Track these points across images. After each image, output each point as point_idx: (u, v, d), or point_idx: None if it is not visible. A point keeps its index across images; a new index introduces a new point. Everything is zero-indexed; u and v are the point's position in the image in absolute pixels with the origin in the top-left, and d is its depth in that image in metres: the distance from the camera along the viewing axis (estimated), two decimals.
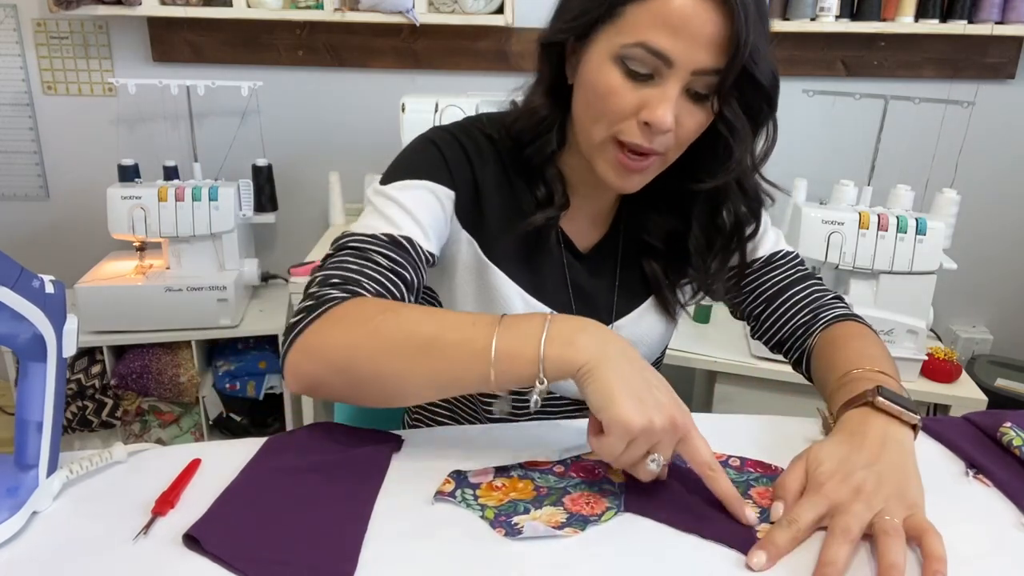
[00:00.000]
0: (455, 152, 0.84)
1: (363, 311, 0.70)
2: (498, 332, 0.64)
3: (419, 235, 0.79)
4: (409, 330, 0.67)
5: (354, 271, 0.75)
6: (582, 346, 0.63)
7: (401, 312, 0.70)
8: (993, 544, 0.64)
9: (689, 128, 0.75)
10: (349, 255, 0.77)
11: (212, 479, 0.67)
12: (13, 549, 0.58)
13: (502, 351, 0.64)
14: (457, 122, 0.89)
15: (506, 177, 0.86)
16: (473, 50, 2.08)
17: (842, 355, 0.82)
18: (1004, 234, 2.24)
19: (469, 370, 0.65)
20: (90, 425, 1.95)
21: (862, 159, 1.82)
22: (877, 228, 1.57)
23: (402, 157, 0.85)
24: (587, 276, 0.91)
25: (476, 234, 0.86)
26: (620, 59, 0.72)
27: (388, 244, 0.77)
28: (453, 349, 0.66)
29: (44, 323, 0.60)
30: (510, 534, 0.62)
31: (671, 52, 0.70)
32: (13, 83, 2.13)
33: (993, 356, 2.21)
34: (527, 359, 0.64)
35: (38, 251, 2.26)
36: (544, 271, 0.89)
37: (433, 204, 0.82)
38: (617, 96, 0.73)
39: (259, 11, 1.96)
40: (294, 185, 2.22)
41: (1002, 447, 0.77)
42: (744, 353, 1.72)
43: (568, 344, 0.63)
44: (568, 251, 0.90)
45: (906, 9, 1.93)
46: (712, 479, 0.63)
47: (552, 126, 0.83)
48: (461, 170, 0.84)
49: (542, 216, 0.84)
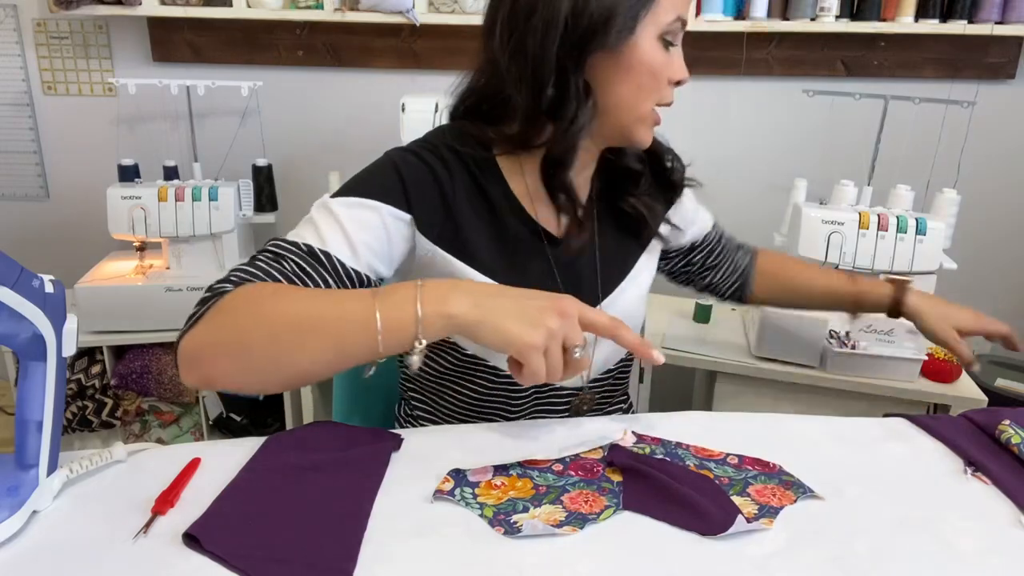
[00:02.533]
0: (419, 174, 0.85)
1: (249, 298, 0.71)
2: (377, 303, 0.67)
3: (344, 252, 0.80)
4: (294, 312, 0.69)
5: (260, 271, 0.76)
6: (455, 301, 0.67)
7: (284, 295, 0.71)
8: (992, 541, 0.64)
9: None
10: (264, 257, 0.78)
11: (212, 479, 0.67)
12: (13, 548, 0.58)
13: (386, 320, 0.66)
14: (421, 140, 0.90)
15: (476, 185, 0.88)
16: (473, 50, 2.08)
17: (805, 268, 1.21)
18: (1004, 234, 2.24)
19: (356, 343, 0.67)
20: (90, 425, 1.95)
21: (862, 159, 1.82)
22: (877, 228, 1.57)
23: (359, 175, 0.87)
24: (568, 261, 0.93)
25: (449, 246, 0.86)
26: (663, 37, 0.82)
27: (305, 254, 0.78)
28: (337, 325, 0.68)
29: (44, 323, 0.60)
30: (509, 532, 0.62)
31: (686, 15, 0.82)
32: (13, 83, 2.13)
33: (993, 356, 2.21)
34: (408, 322, 0.67)
35: (38, 251, 2.26)
36: (527, 266, 0.90)
37: (374, 225, 0.82)
38: (668, 67, 0.83)
39: (259, 11, 1.96)
40: (294, 185, 2.22)
41: (1000, 445, 0.77)
42: (744, 353, 1.72)
43: (442, 302, 0.67)
44: (547, 241, 0.91)
45: (906, 9, 1.93)
46: (618, 336, 0.70)
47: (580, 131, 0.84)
48: (426, 191, 0.85)
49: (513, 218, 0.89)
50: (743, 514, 0.64)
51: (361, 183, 0.85)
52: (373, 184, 0.85)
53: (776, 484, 0.70)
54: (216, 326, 0.70)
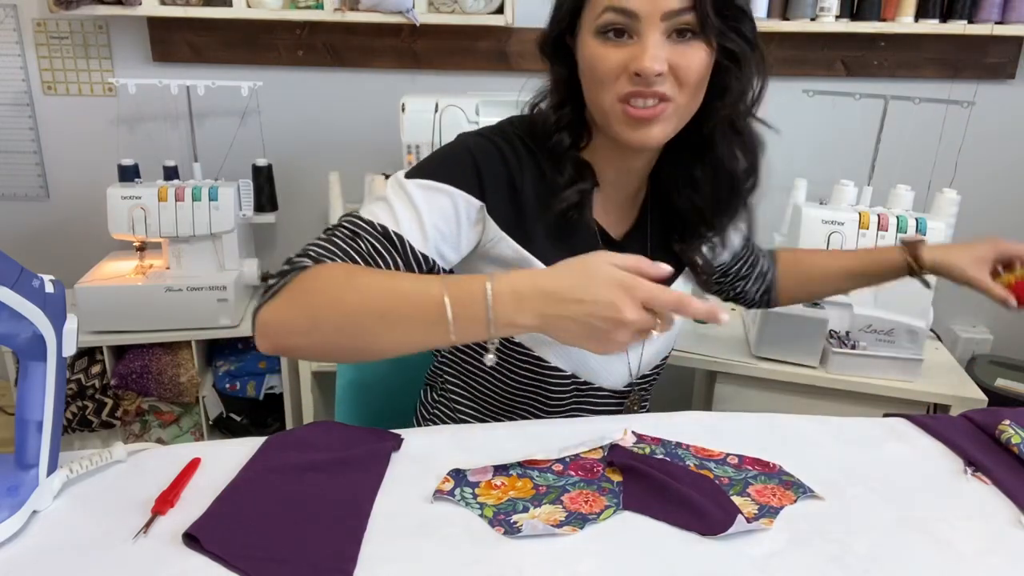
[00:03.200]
0: (492, 161, 0.86)
1: (326, 279, 0.73)
2: (450, 301, 0.68)
3: (416, 237, 0.81)
4: (367, 302, 0.71)
5: (338, 248, 0.79)
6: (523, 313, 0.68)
7: (358, 282, 0.73)
8: (992, 541, 0.64)
9: (690, 67, 0.78)
10: (341, 233, 0.81)
11: (212, 479, 0.67)
12: (13, 548, 0.58)
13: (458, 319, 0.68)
14: (494, 127, 0.91)
15: (543, 176, 0.89)
16: (473, 50, 2.08)
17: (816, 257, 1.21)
18: (1004, 234, 2.19)
19: (428, 339, 0.70)
20: (90, 425, 1.95)
21: (862, 159, 1.82)
22: (877, 228, 1.57)
23: (435, 156, 0.87)
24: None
25: (516, 234, 0.87)
26: (599, 31, 0.79)
27: (380, 235, 0.80)
28: (409, 321, 0.70)
29: (44, 323, 0.60)
30: (509, 532, 0.62)
31: (634, 6, 0.76)
32: (13, 83, 2.13)
33: (993, 356, 2.21)
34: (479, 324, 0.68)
35: (38, 251, 2.26)
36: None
37: (447, 210, 0.83)
38: (606, 61, 0.79)
39: (259, 11, 1.96)
40: (294, 185, 2.22)
41: (1000, 445, 0.77)
42: (744, 353, 1.72)
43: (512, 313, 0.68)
44: (604, 241, 0.93)
45: (906, 9, 1.93)
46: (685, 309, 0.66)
47: (568, 120, 0.88)
48: (497, 178, 0.86)
49: (574, 191, 0.87)
50: (743, 514, 0.64)
51: (437, 166, 0.86)
52: (449, 168, 0.85)
53: (776, 484, 0.70)
54: (293, 303, 0.73)
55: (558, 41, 0.85)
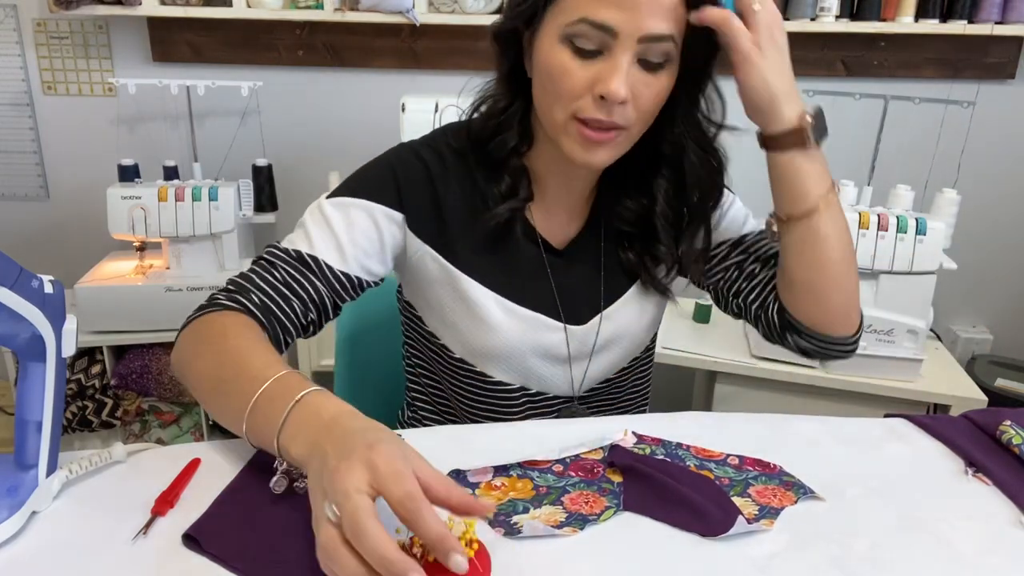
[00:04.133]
0: (413, 172, 0.85)
1: (211, 328, 0.75)
2: (251, 413, 0.64)
3: (332, 256, 0.82)
4: (219, 363, 0.71)
5: (250, 282, 0.80)
6: (296, 443, 0.59)
7: (228, 340, 0.72)
8: (992, 542, 0.64)
9: (647, 99, 0.75)
10: (259, 266, 0.82)
11: (212, 479, 0.67)
12: (13, 549, 0.58)
13: (251, 431, 0.65)
14: (423, 137, 0.90)
15: (474, 186, 0.87)
16: (473, 50, 2.08)
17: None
18: (1004, 234, 2.24)
19: (234, 422, 0.66)
20: (90, 425, 1.95)
21: (862, 159, 1.82)
22: (877, 228, 1.57)
23: (356, 173, 0.87)
24: (567, 271, 0.91)
25: (441, 248, 0.86)
26: (567, 38, 0.73)
27: (295, 261, 0.81)
28: (230, 396, 0.67)
29: (43, 323, 0.60)
30: (509, 533, 0.62)
31: (613, 23, 0.70)
32: (13, 83, 2.13)
33: (993, 356, 2.21)
34: (268, 443, 0.62)
35: (38, 251, 2.26)
36: (522, 274, 0.89)
37: (364, 224, 0.83)
38: (570, 75, 0.74)
39: (259, 11, 1.96)
40: (294, 185, 2.22)
41: (1001, 445, 0.77)
42: (744, 353, 1.72)
43: (290, 440, 0.60)
44: (546, 250, 0.90)
45: (906, 9, 1.93)
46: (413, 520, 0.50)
47: (513, 119, 0.84)
48: (418, 189, 0.85)
49: (505, 208, 0.85)
50: (743, 515, 0.64)
51: (356, 182, 0.86)
52: (366, 183, 0.85)
53: (777, 485, 0.70)
54: (182, 346, 0.77)
55: (513, 32, 0.80)
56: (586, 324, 0.91)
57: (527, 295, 0.88)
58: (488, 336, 0.87)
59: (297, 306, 0.80)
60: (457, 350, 0.89)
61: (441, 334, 0.90)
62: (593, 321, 0.91)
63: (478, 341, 0.87)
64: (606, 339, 0.92)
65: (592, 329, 0.91)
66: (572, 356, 0.91)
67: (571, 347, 0.91)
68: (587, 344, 0.91)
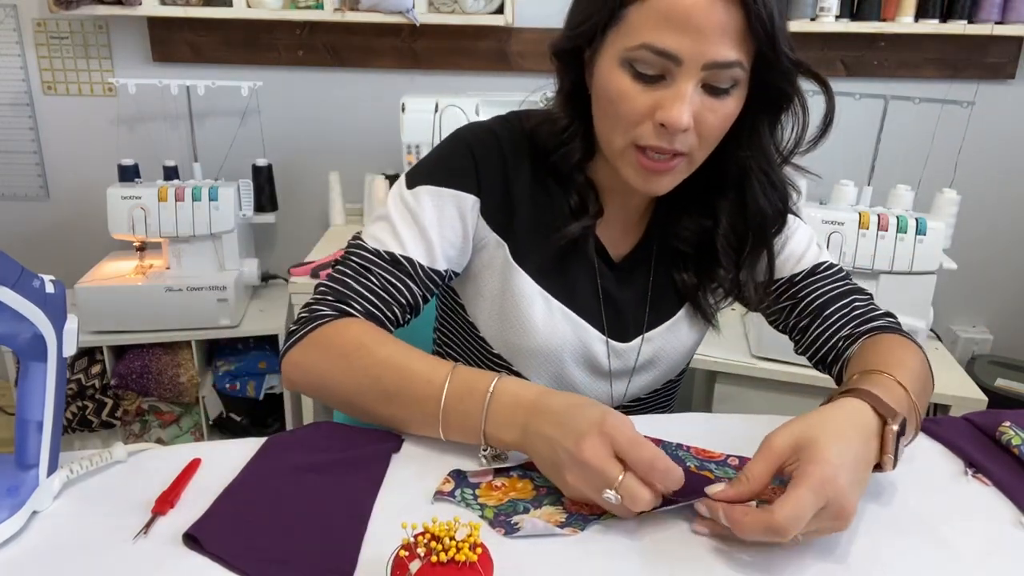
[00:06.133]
0: (489, 153, 0.83)
1: (343, 340, 0.76)
2: (445, 410, 0.70)
3: (423, 255, 0.81)
4: (376, 375, 0.73)
5: (350, 288, 0.80)
6: (508, 431, 0.68)
7: (374, 352, 0.74)
8: (992, 543, 0.64)
9: (712, 125, 0.72)
10: (350, 270, 0.81)
11: (212, 479, 0.67)
12: (13, 549, 0.58)
13: (448, 429, 0.71)
14: (500, 116, 0.87)
15: (540, 178, 0.85)
16: (473, 50, 2.08)
17: (874, 358, 0.76)
18: (1004, 234, 2.24)
19: (424, 427, 0.72)
20: (90, 425, 1.95)
21: (862, 159, 1.82)
22: (877, 228, 1.57)
23: (433, 155, 0.85)
24: (618, 285, 0.89)
25: (506, 236, 0.85)
26: (628, 62, 0.71)
27: (388, 263, 0.81)
28: (410, 405, 0.72)
29: (44, 323, 0.60)
30: (510, 533, 0.62)
31: (677, 50, 0.67)
32: (13, 83, 2.13)
33: (993, 356, 2.21)
34: (471, 434, 0.70)
35: (38, 251, 2.26)
36: (575, 277, 0.87)
37: (450, 215, 0.82)
38: (629, 100, 0.71)
39: (259, 11, 1.96)
40: (294, 185, 2.22)
41: (1001, 446, 0.77)
42: (744, 353, 1.72)
43: (499, 429, 0.68)
44: (601, 259, 0.88)
45: (906, 9, 1.93)
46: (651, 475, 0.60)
47: (575, 135, 0.81)
48: (492, 172, 0.83)
49: (578, 227, 0.83)
50: None
51: (435, 167, 0.84)
52: (448, 168, 0.83)
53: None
54: (310, 360, 0.77)
55: (574, 50, 0.77)
56: (629, 343, 0.90)
57: (576, 300, 0.87)
58: (529, 334, 0.85)
59: (397, 309, 0.81)
60: (496, 345, 0.88)
61: (482, 325, 0.89)
62: (635, 341, 0.90)
63: (517, 338, 0.86)
64: (647, 360, 0.91)
65: (633, 349, 0.90)
66: (613, 372, 0.90)
67: (612, 362, 0.90)
68: (628, 362, 0.90)
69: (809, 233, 0.92)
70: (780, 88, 0.74)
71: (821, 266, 0.90)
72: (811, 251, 0.91)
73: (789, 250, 0.90)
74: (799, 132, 0.78)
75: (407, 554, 0.51)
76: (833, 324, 0.87)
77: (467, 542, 0.51)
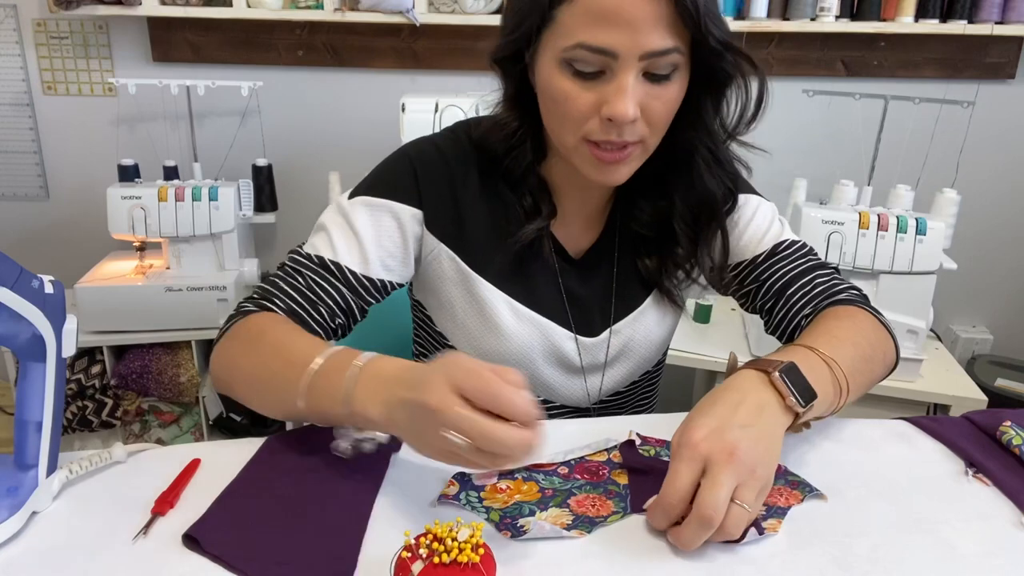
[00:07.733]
0: (431, 166, 0.84)
1: (248, 329, 0.76)
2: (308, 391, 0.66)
3: (355, 262, 0.82)
4: (261, 364, 0.72)
5: (277, 288, 0.81)
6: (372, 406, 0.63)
7: (269, 336, 0.74)
8: (993, 543, 0.64)
9: (659, 111, 0.73)
10: (283, 272, 0.83)
11: (212, 479, 0.67)
12: (13, 549, 0.58)
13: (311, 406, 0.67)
14: (446, 128, 0.89)
15: (491, 184, 0.86)
16: (473, 50, 2.08)
17: (812, 330, 0.78)
18: (1004, 234, 2.24)
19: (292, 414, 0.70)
20: (90, 425, 1.95)
21: (862, 159, 1.82)
22: (877, 228, 1.57)
23: (375, 171, 0.87)
24: (581, 282, 0.90)
25: (457, 247, 0.85)
26: (566, 62, 0.71)
27: (318, 267, 0.82)
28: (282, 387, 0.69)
29: (44, 323, 0.60)
30: (516, 535, 0.62)
31: (612, 45, 0.68)
32: (13, 83, 2.12)
33: (993, 356, 2.21)
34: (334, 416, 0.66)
35: (38, 251, 2.26)
36: (536, 279, 0.88)
37: (389, 227, 0.83)
38: (573, 100, 0.72)
39: (259, 11, 1.96)
40: (294, 185, 2.22)
41: (1002, 446, 0.77)
42: (744, 353, 1.72)
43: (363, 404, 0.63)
44: (560, 257, 0.89)
45: (906, 9, 1.93)
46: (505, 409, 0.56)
47: (526, 137, 0.82)
48: (436, 184, 0.84)
49: (532, 229, 0.84)
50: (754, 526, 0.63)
51: (376, 179, 0.85)
52: (387, 180, 0.85)
53: (782, 484, 0.70)
54: (224, 352, 0.77)
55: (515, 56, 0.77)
56: (597, 337, 0.90)
57: (539, 301, 0.88)
58: (498, 339, 0.86)
59: (324, 310, 0.81)
60: (467, 352, 0.88)
61: (451, 335, 0.90)
62: (603, 335, 0.90)
63: (488, 344, 0.87)
64: (617, 352, 0.92)
65: (602, 342, 0.90)
66: (585, 367, 0.91)
67: (583, 358, 0.90)
68: (599, 356, 0.91)
69: (771, 213, 0.92)
70: (719, 68, 0.75)
71: (781, 245, 0.90)
72: (772, 231, 0.90)
73: (751, 232, 0.90)
74: (741, 109, 0.79)
75: (409, 555, 0.51)
76: (796, 303, 0.87)
77: (470, 543, 0.51)
